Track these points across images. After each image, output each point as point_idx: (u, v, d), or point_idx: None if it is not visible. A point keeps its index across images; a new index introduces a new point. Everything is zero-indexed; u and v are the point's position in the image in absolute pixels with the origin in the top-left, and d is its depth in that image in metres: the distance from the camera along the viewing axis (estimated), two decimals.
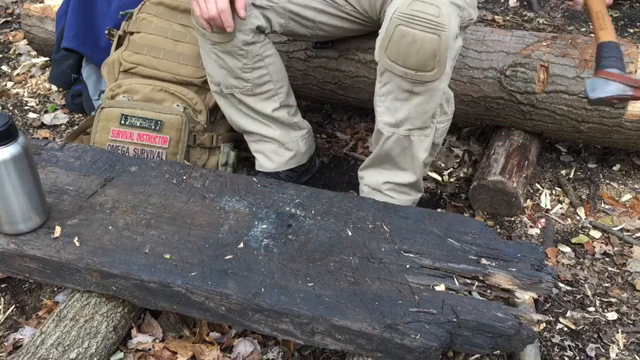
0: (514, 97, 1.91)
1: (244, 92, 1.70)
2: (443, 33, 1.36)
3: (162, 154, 1.80)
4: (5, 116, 1.31)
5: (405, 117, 1.50)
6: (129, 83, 1.85)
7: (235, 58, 1.62)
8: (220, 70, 1.66)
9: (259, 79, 1.68)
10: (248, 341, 1.44)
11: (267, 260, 1.35)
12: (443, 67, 1.41)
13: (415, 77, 1.42)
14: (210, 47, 1.63)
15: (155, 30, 1.88)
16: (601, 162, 2.08)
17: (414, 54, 1.38)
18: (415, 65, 1.40)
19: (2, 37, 2.98)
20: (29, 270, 1.41)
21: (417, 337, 1.18)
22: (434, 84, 1.44)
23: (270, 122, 1.79)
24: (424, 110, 1.49)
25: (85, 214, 1.47)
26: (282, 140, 1.82)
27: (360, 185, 1.73)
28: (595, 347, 1.46)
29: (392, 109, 1.50)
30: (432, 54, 1.38)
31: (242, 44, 1.60)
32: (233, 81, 1.68)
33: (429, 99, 1.47)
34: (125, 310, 1.41)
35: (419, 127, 1.52)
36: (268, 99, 1.74)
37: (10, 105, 2.44)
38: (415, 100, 1.47)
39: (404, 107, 1.48)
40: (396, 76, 1.43)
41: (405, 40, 1.38)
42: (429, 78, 1.42)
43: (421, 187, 1.70)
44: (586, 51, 1.88)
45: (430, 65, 1.39)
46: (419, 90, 1.44)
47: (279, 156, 1.84)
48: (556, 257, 1.71)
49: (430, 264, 1.34)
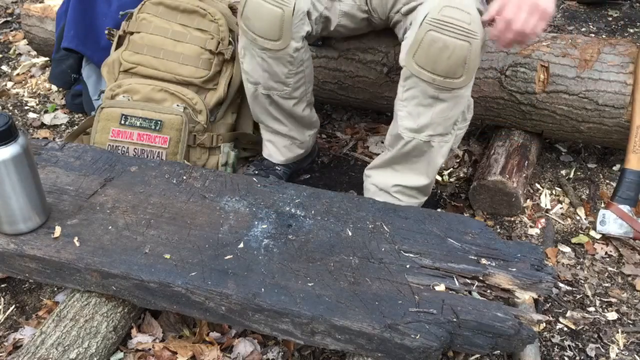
0: (514, 97, 1.91)
1: (282, 95, 1.69)
2: (474, 40, 1.35)
3: (162, 154, 1.80)
4: (5, 116, 1.31)
5: (427, 122, 1.49)
6: (129, 83, 1.85)
7: (283, 65, 1.61)
8: (263, 73, 1.64)
9: (297, 82, 1.68)
10: (248, 341, 1.44)
11: (267, 260, 1.35)
12: (471, 74, 1.41)
13: (443, 83, 1.41)
14: (258, 51, 1.60)
15: (156, 30, 1.88)
16: (601, 162, 2.08)
17: (444, 60, 1.37)
18: (444, 72, 1.39)
19: (2, 37, 2.98)
20: (29, 270, 1.41)
21: (417, 337, 1.18)
22: (461, 91, 1.43)
23: (294, 123, 1.81)
24: (448, 116, 1.48)
25: (85, 214, 1.47)
26: (297, 137, 1.85)
27: (366, 183, 1.72)
28: (595, 347, 1.46)
29: (414, 114, 1.49)
30: (463, 61, 1.37)
31: (293, 51, 1.58)
32: (274, 84, 1.66)
33: (453, 106, 1.46)
34: (125, 310, 1.41)
35: (440, 133, 1.51)
36: (300, 101, 1.75)
37: (10, 105, 2.44)
38: (440, 107, 1.46)
39: (427, 112, 1.47)
40: (422, 82, 1.42)
41: (436, 46, 1.37)
42: (456, 85, 1.41)
43: (429, 190, 1.69)
44: (586, 51, 1.88)
45: (459, 72, 1.39)
46: (445, 96, 1.44)
47: (290, 152, 1.88)
48: (556, 257, 1.71)
49: (430, 264, 1.34)
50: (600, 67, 1.84)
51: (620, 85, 1.81)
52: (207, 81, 1.86)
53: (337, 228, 1.44)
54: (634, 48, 1.85)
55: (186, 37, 1.86)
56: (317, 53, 2.05)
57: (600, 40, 1.93)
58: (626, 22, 2.98)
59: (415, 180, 1.63)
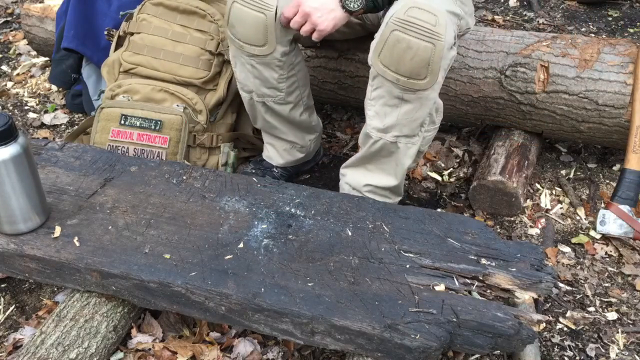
0: (514, 97, 1.91)
1: (276, 100, 1.70)
2: (438, 42, 1.36)
3: (162, 154, 1.80)
4: (5, 116, 1.31)
5: (393, 123, 1.50)
6: (129, 83, 1.85)
7: (273, 70, 1.61)
8: (254, 80, 1.65)
9: (290, 87, 1.68)
10: (248, 341, 1.44)
11: (267, 260, 1.35)
12: (435, 76, 1.41)
13: (407, 84, 1.41)
14: (246, 59, 1.61)
15: (156, 30, 1.88)
16: (601, 162, 2.08)
17: (408, 60, 1.38)
18: (407, 72, 1.39)
19: (2, 37, 2.98)
20: (29, 270, 1.41)
21: (417, 337, 1.18)
22: (425, 92, 1.44)
23: (292, 128, 1.81)
24: (413, 118, 1.49)
25: (85, 214, 1.47)
26: (298, 142, 1.86)
27: (341, 182, 1.73)
28: (595, 347, 1.46)
29: (381, 114, 1.50)
30: (426, 63, 1.37)
31: (280, 56, 1.58)
32: (266, 91, 1.67)
33: (419, 107, 1.47)
34: (125, 310, 1.41)
35: (407, 134, 1.52)
36: (296, 106, 1.75)
37: (10, 105, 2.44)
38: (405, 108, 1.47)
39: (393, 113, 1.48)
40: (388, 81, 1.43)
41: (400, 46, 1.37)
42: (420, 86, 1.42)
43: (401, 191, 1.70)
44: (586, 51, 1.88)
45: (422, 73, 1.39)
46: (410, 97, 1.44)
47: (290, 155, 1.89)
48: (556, 257, 1.71)
49: (430, 264, 1.34)
50: (600, 67, 1.84)
51: (620, 85, 1.81)
52: (207, 82, 1.86)
53: (337, 228, 1.44)
54: (634, 48, 1.85)
55: (186, 37, 1.86)
56: (317, 53, 2.05)
57: (600, 40, 1.93)
58: (626, 22, 2.98)
59: (384, 181, 1.64)
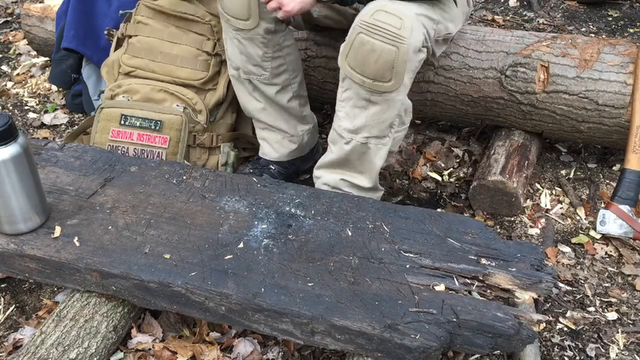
0: (514, 97, 1.91)
1: (262, 80, 1.73)
2: (402, 45, 1.37)
3: (162, 154, 1.80)
4: (5, 116, 1.31)
5: (362, 124, 1.52)
6: (128, 83, 1.85)
7: (257, 46, 1.65)
8: (240, 55, 1.69)
9: (276, 68, 1.71)
10: (248, 341, 1.44)
11: (267, 260, 1.35)
12: (400, 79, 1.42)
13: (373, 86, 1.43)
14: (233, 33, 1.66)
15: (152, 32, 1.87)
16: (601, 162, 2.08)
17: (372, 63, 1.40)
18: (372, 75, 1.42)
19: (2, 37, 2.98)
20: (29, 270, 1.41)
21: (417, 337, 1.18)
22: (391, 95, 1.45)
23: (281, 113, 1.82)
24: (381, 119, 1.51)
25: (85, 214, 1.47)
26: (289, 131, 1.86)
27: (318, 183, 1.72)
28: (595, 347, 1.46)
29: (351, 115, 1.52)
30: (390, 65, 1.39)
31: (264, 32, 1.62)
32: (252, 68, 1.70)
33: (386, 109, 1.49)
34: (125, 310, 1.41)
35: (376, 135, 1.54)
36: (283, 89, 1.77)
37: (10, 105, 2.44)
38: (373, 109, 1.49)
39: (362, 114, 1.50)
40: (355, 84, 1.46)
41: (365, 48, 1.40)
42: (385, 89, 1.44)
43: (378, 187, 1.71)
44: (586, 51, 1.88)
45: (387, 76, 1.41)
46: (376, 99, 1.46)
47: (282, 147, 1.89)
48: (556, 257, 1.71)
49: (430, 264, 1.34)
50: (600, 67, 1.84)
51: (620, 85, 1.81)
52: (206, 82, 1.86)
53: (337, 228, 1.44)
54: (634, 48, 1.85)
55: (182, 38, 1.86)
56: (317, 53, 2.05)
57: (600, 40, 1.93)
58: (626, 22, 2.98)
59: (359, 181, 1.65)
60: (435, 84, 1.97)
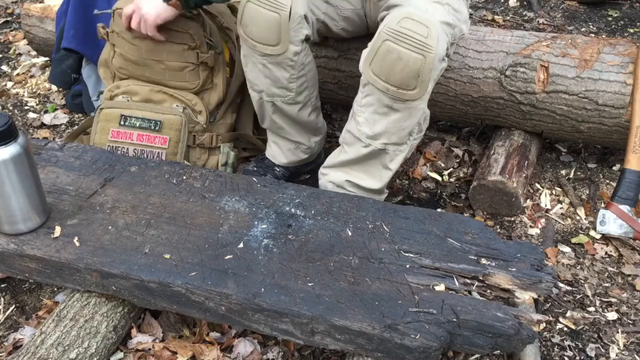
0: (514, 97, 1.91)
1: (286, 101, 1.70)
2: (429, 54, 1.37)
3: (162, 154, 1.80)
4: (5, 116, 1.31)
5: (382, 131, 1.51)
6: (127, 84, 1.85)
7: (284, 69, 1.62)
8: (265, 79, 1.65)
9: (300, 87, 1.69)
10: (248, 341, 1.44)
11: (267, 260, 1.35)
12: (425, 87, 1.42)
13: (397, 94, 1.43)
14: (258, 58, 1.61)
15: (130, 51, 1.78)
16: (601, 162, 2.08)
17: (398, 71, 1.39)
18: (397, 83, 1.41)
19: (2, 37, 2.98)
20: (29, 270, 1.41)
21: (417, 337, 1.18)
22: (414, 103, 1.45)
23: (298, 129, 1.82)
24: (402, 127, 1.50)
25: (85, 214, 1.47)
26: (303, 142, 1.86)
27: (323, 180, 1.71)
28: (595, 347, 1.46)
29: (370, 121, 1.51)
30: (416, 74, 1.39)
31: (292, 55, 1.59)
32: (276, 90, 1.67)
33: (408, 117, 1.48)
34: (125, 310, 1.41)
35: (395, 142, 1.53)
36: (304, 106, 1.75)
37: (10, 105, 2.44)
38: (394, 117, 1.48)
39: (382, 121, 1.50)
40: (378, 90, 1.45)
41: (391, 56, 1.39)
42: (410, 97, 1.43)
43: (385, 189, 1.70)
44: (586, 51, 1.88)
45: (412, 84, 1.41)
46: (399, 107, 1.46)
47: (294, 156, 1.89)
48: (556, 257, 1.71)
49: (430, 264, 1.34)
50: (600, 67, 1.84)
51: (620, 85, 1.81)
52: (201, 86, 1.84)
53: (337, 228, 1.44)
54: (634, 48, 1.85)
55: (162, 54, 1.76)
56: (317, 53, 2.05)
57: (600, 40, 1.93)
58: (626, 22, 2.98)
59: (367, 182, 1.64)
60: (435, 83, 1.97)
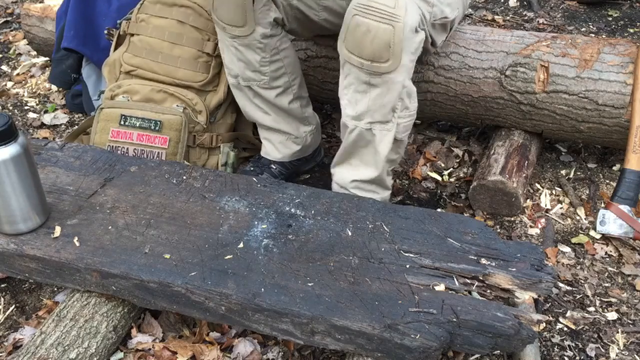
0: (514, 97, 1.91)
1: (261, 85, 1.73)
2: (397, 24, 1.37)
3: (162, 154, 1.80)
4: (5, 116, 1.31)
5: (365, 109, 1.51)
6: (128, 84, 1.85)
7: (254, 51, 1.66)
8: (238, 63, 1.69)
9: (275, 72, 1.72)
10: (248, 341, 1.44)
11: (267, 260, 1.35)
12: (398, 58, 1.42)
13: (371, 67, 1.43)
14: (229, 41, 1.66)
15: (154, 32, 1.87)
16: (601, 162, 2.08)
17: (368, 44, 1.40)
18: (370, 56, 1.41)
19: (2, 37, 2.98)
20: (29, 270, 1.41)
21: (417, 337, 1.18)
22: (390, 76, 1.45)
23: (282, 116, 1.82)
24: (382, 103, 1.50)
25: (85, 214, 1.47)
26: (292, 133, 1.87)
27: (332, 182, 1.72)
28: (595, 347, 1.46)
29: (352, 102, 1.52)
30: (386, 45, 1.39)
31: (261, 37, 1.63)
32: (251, 74, 1.71)
33: (387, 91, 1.48)
34: (125, 310, 1.41)
35: (380, 120, 1.53)
36: (283, 92, 1.77)
37: (10, 105, 2.44)
38: (374, 93, 1.48)
39: (363, 99, 1.50)
40: (354, 67, 1.45)
41: (360, 30, 1.40)
42: (384, 70, 1.43)
43: (387, 184, 1.70)
44: (586, 51, 1.88)
45: (384, 56, 1.41)
46: (376, 82, 1.46)
47: (286, 148, 1.89)
48: (556, 257, 1.71)
49: (430, 264, 1.34)
50: (600, 67, 1.84)
51: (620, 85, 1.81)
52: (206, 84, 1.85)
53: (337, 228, 1.44)
54: (634, 48, 1.85)
55: (182, 39, 1.85)
56: (317, 53, 2.05)
57: (600, 40, 1.93)
58: (626, 22, 2.98)
59: (366, 173, 1.64)
60: (435, 84, 1.97)
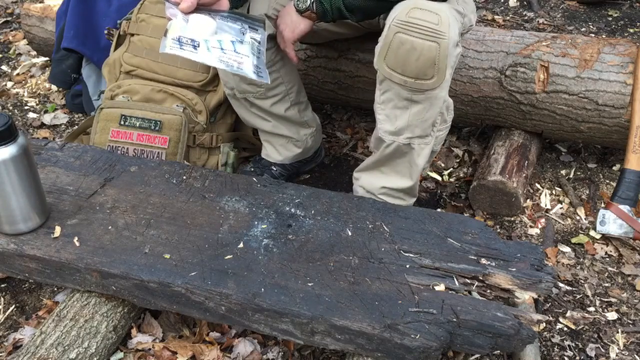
0: (514, 97, 1.91)
1: (257, 96, 1.72)
2: (442, 41, 1.36)
3: (162, 154, 1.80)
4: (5, 116, 1.31)
5: (405, 125, 1.49)
6: (128, 84, 1.85)
7: None
8: (233, 76, 1.68)
9: (271, 82, 1.69)
10: (248, 341, 1.44)
11: (267, 260, 1.35)
12: (443, 75, 1.41)
13: (415, 85, 1.41)
14: None
15: (154, 32, 1.87)
16: (601, 162, 2.08)
17: (413, 61, 1.37)
18: (414, 74, 1.39)
19: (2, 37, 2.98)
20: (29, 270, 1.41)
21: (417, 337, 1.18)
22: (434, 92, 1.43)
23: (281, 122, 1.82)
24: (424, 118, 1.48)
25: (85, 214, 1.47)
26: (293, 136, 1.87)
27: (355, 185, 1.73)
28: (595, 347, 1.46)
29: (392, 117, 1.50)
30: (432, 62, 1.37)
31: None
32: (246, 87, 1.70)
33: (429, 107, 1.47)
34: (125, 310, 1.41)
35: (419, 135, 1.52)
36: (280, 101, 1.77)
37: (10, 105, 2.44)
38: (415, 109, 1.46)
39: (403, 115, 1.48)
40: (395, 84, 1.43)
41: (404, 48, 1.37)
42: (428, 86, 1.42)
43: (416, 192, 1.70)
44: (586, 51, 1.88)
45: (429, 73, 1.39)
46: (419, 98, 1.44)
47: (287, 151, 1.89)
48: (556, 257, 1.71)
49: (430, 264, 1.34)
50: (600, 67, 1.84)
51: (620, 85, 1.81)
52: (206, 84, 1.85)
53: (337, 228, 1.44)
54: (634, 48, 1.85)
55: None
56: (317, 53, 2.05)
57: (600, 40, 1.93)
58: (626, 22, 2.98)
59: (399, 182, 1.63)
60: None
